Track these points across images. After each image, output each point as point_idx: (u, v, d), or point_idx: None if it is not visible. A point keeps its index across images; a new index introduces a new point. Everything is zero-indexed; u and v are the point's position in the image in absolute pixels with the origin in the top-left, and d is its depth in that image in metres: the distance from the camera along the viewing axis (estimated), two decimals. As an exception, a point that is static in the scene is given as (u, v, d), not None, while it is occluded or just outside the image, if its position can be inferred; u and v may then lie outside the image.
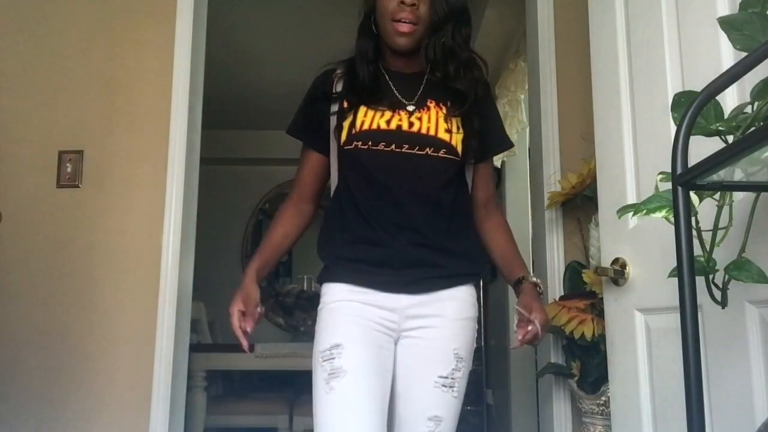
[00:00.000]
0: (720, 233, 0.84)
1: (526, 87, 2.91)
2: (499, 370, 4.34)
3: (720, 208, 0.84)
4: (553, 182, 2.14)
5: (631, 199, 1.38)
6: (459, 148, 1.42)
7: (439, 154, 1.40)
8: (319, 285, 1.46)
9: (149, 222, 2.14)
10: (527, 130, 3.04)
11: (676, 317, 0.76)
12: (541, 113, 2.23)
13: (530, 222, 3.28)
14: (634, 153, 1.41)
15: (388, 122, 1.41)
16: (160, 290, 2.09)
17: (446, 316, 1.39)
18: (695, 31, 1.20)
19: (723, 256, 0.84)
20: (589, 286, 1.84)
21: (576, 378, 1.88)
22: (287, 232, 1.52)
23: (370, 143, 1.39)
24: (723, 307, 0.87)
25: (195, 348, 2.86)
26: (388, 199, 1.39)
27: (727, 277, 0.85)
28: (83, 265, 2.14)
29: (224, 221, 5.26)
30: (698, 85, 0.75)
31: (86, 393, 2.07)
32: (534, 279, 1.44)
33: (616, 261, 1.43)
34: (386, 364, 1.36)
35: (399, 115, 1.42)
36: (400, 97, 1.44)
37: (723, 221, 0.84)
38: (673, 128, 0.74)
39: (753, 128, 0.73)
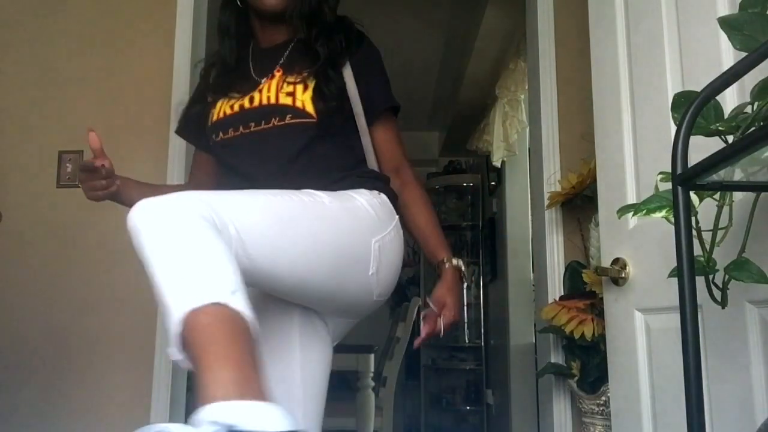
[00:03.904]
0: (720, 233, 0.84)
1: (526, 87, 2.92)
2: (499, 370, 4.34)
3: (720, 208, 0.84)
4: (553, 182, 2.14)
5: (631, 199, 1.38)
6: (309, 108, 1.27)
7: (287, 121, 1.27)
8: None
9: (149, 222, 2.14)
10: (527, 130, 3.05)
11: (676, 317, 0.76)
12: (541, 113, 2.23)
13: (530, 222, 3.28)
14: (634, 153, 1.41)
15: (232, 106, 1.31)
16: (160, 290, 2.09)
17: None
18: (695, 31, 1.20)
19: (723, 256, 0.84)
20: (589, 286, 1.84)
21: (576, 378, 1.88)
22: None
23: (220, 134, 1.31)
24: (723, 307, 0.87)
25: (195, 348, 2.85)
26: (255, 187, 1.22)
27: (727, 277, 0.85)
28: (83, 265, 2.14)
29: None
30: (698, 85, 0.75)
31: (86, 392, 2.07)
32: (456, 262, 1.32)
33: (616, 261, 1.43)
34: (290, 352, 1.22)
35: (247, 95, 1.31)
36: (256, 77, 1.34)
37: (723, 221, 0.84)
38: (673, 128, 0.74)
39: (753, 128, 0.73)
